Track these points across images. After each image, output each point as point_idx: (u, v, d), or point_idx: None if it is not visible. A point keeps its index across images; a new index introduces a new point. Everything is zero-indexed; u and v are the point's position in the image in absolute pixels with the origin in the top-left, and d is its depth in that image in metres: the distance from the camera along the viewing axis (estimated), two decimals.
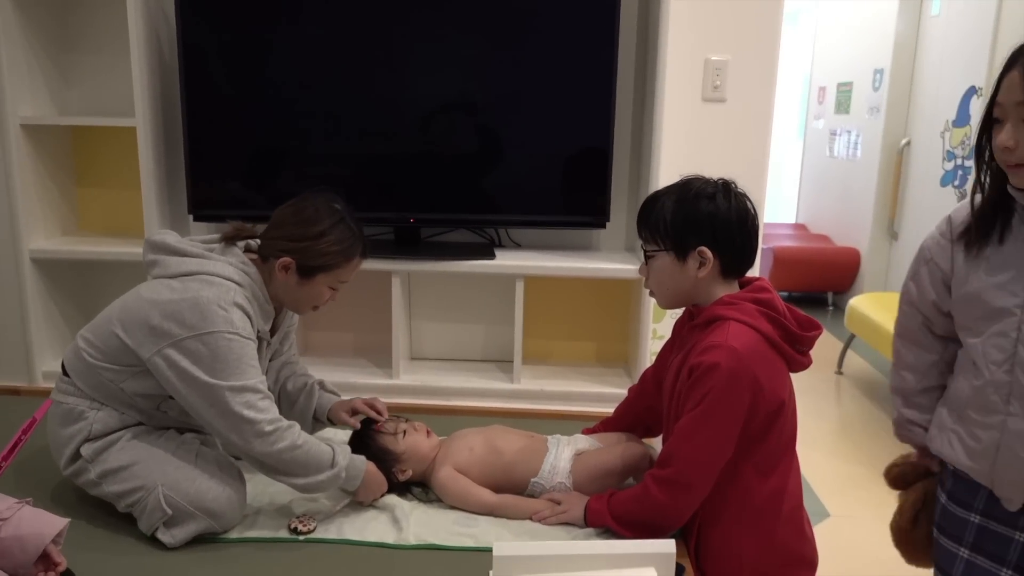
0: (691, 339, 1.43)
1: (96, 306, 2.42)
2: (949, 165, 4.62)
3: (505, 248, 2.40)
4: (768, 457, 1.39)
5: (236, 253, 1.54)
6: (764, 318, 1.38)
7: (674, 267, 1.42)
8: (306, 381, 1.77)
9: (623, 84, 2.26)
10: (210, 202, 2.29)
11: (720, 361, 1.31)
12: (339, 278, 1.58)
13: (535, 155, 2.26)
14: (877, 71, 5.36)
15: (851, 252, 5.66)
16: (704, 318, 1.41)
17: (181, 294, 1.43)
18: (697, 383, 1.34)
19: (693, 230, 1.39)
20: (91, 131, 2.42)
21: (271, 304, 1.57)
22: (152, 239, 1.55)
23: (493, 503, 1.56)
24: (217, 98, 2.25)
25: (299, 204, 1.57)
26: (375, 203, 2.33)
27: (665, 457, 1.40)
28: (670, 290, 1.46)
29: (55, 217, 2.41)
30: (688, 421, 1.35)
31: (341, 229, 1.54)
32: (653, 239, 1.43)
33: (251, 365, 1.44)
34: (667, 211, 1.41)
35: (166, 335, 1.41)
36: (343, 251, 1.55)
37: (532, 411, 2.19)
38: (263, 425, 1.41)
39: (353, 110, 2.24)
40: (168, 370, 1.42)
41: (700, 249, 1.39)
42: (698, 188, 1.41)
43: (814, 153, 6.73)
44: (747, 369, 1.32)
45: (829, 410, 4.05)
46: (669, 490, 1.37)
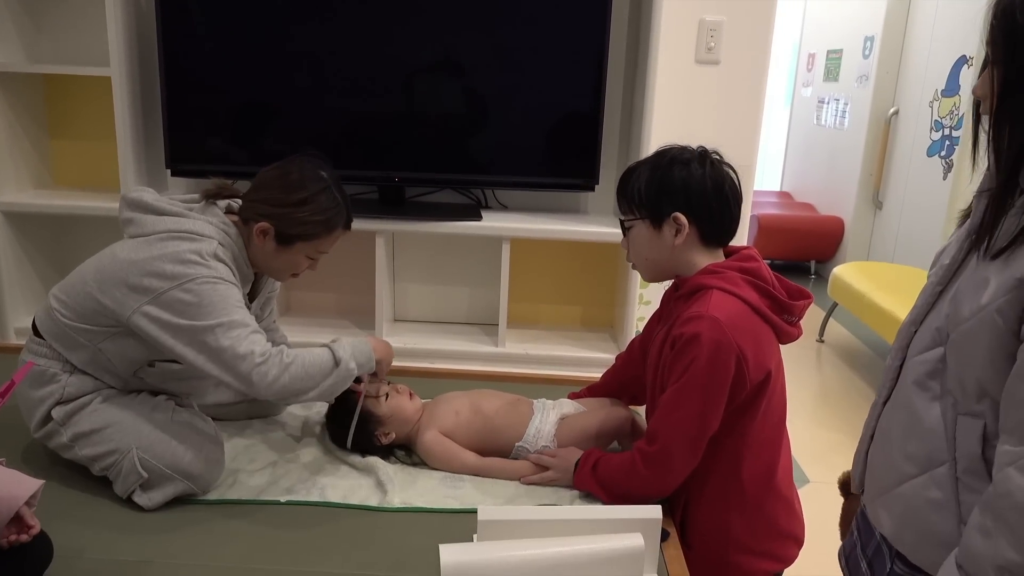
0: (675, 310, 1.40)
1: (70, 261, 2.36)
2: (936, 135, 4.61)
3: (492, 210, 2.35)
4: (757, 433, 1.37)
5: (216, 213, 1.48)
6: (750, 287, 1.35)
7: (651, 235, 1.40)
8: (283, 348, 1.73)
9: (615, 43, 2.21)
10: (189, 157, 2.22)
11: (701, 332, 1.28)
12: (318, 248, 1.52)
13: (524, 115, 2.21)
14: (868, 38, 5.31)
15: (835, 221, 5.67)
16: (688, 288, 1.38)
17: (160, 250, 1.38)
18: (679, 355, 1.31)
19: (667, 197, 1.37)
20: (64, 80, 2.33)
21: (251, 268, 1.52)
22: (129, 196, 1.48)
23: (479, 466, 1.55)
24: (197, 48, 2.17)
25: (284, 167, 1.51)
26: (359, 161, 2.27)
27: (651, 432, 1.37)
28: (650, 260, 1.44)
29: (27, 170, 2.33)
30: (671, 394, 1.33)
31: (324, 198, 1.48)
32: (629, 209, 1.42)
33: (236, 306, 1.38)
34: (642, 180, 1.39)
35: (146, 291, 1.36)
36: (324, 221, 1.49)
37: (516, 375, 2.17)
38: (255, 357, 1.35)
39: (338, 64, 2.18)
40: (151, 326, 1.36)
41: (675, 215, 1.36)
42: (673, 155, 1.39)
43: (801, 121, 6.70)
44: (729, 340, 1.28)
45: (810, 378, 4.08)
46: (653, 466, 1.36)
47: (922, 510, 1.00)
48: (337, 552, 1.32)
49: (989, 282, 0.93)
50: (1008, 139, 0.92)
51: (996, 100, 0.93)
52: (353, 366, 1.44)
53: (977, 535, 0.89)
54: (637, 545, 1.20)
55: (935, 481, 0.99)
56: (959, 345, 0.96)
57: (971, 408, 0.96)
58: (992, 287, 0.92)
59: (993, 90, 0.93)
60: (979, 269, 0.96)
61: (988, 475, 0.94)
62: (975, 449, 0.95)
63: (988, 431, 0.94)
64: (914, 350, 1.05)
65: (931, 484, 0.99)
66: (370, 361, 1.49)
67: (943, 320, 1.00)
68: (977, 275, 0.96)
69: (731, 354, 1.28)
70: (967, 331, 0.94)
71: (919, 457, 1.01)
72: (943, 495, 0.98)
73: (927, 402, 1.01)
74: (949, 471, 0.98)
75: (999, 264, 0.92)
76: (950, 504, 0.97)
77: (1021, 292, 0.88)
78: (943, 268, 1.04)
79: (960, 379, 0.96)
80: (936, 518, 0.98)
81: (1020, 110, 0.90)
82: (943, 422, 0.98)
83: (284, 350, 1.39)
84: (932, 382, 1.01)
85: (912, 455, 1.02)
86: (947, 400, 0.99)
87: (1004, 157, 0.93)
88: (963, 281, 0.99)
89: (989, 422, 0.94)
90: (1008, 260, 0.91)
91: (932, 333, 1.01)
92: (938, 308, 1.02)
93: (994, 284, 0.92)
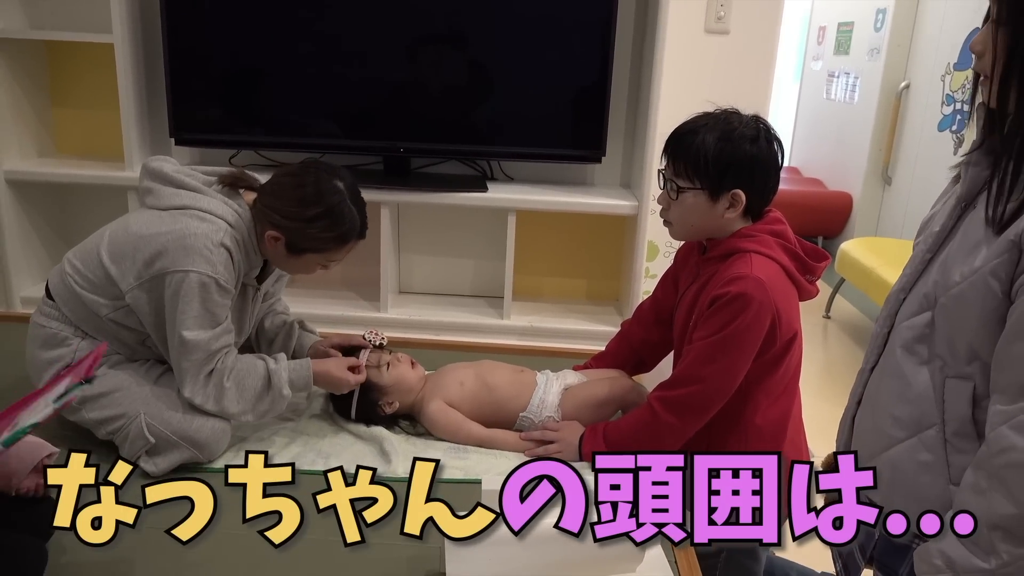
0: (706, 271, 1.43)
1: (75, 230, 2.37)
2: (948, 110, 4.55)
3: (497, 181, 2.34)
4: (776, 384, 1.42)
5: (236, 195, 1.48)
6: (781, 249, 1.39)
7: (705, 206, 1.38)
8: (284, 319, 1.73)
9: (624, 12, 2.17)
10: (192, 125, 2.21)
11: (748, 291, 1.32)
12: (330, 258, 1.50)
13: (531, 86, 2.18)
14: (880, 11, 5.23)
15: (843, 196, 5.62)
16: (722, 250, 1.40)
17: (170, 226, 1.39)
18: (719, 310, 1.34)
19: (733, 172, 1.35)
20: (67, 47, 2.31)
21: (259, 255, 1.51)
22: (150, 165, 1.48)
23: (484, 437, 1.55)
24: (200, 16, 2.14)
25: (300, 176, 1.45)
26: (364, 131, 2.25)
27: (677, 379, 1.41)
28: (694, 226, 1.43)
29: (30, 137, 2.32)
30: (707, 346, 1.36)
31: (337, 214, 1.43)
32: (687, 175, 1.38)
33: (215, 317, 1.40)
34: (708, 148, 1.35)
35: (147, 268, 1.38)
36: (336, 237, 1.45)
37: (521, 347, 2.17)
38: (197, 386, 1.42)
39: (343, 33, 2.15)
40: (146, 303, 1.41)
41: (735, 192, 1.36)
42: (741, 129, 1.36)
43: (810, 96, 6.63)
44: (770, 300, 1.33)
45: (816, 353, 4.06)
46: (680, 412, 1.39)
47: (911, 473, 1.01)
48: (336, 542, 1.32)
49: (981, 245, 0.93)
50: (1016, 104, 0.90)
51: (1002, 64, 0.91)
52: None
53: (971, 494, 0.90)
54: None
55: (924, 444, 1.00)
56: (949, 309, 0.96)
57: (961, 371, 0.96)
58: (985, 250, 0.92)
59: (995, 49, 0.91)
60: (970, 234, 0.96)
61: (977, 436, 0.95)
62: (965, 411, 0.96)
63: (978, 392, 0.95)
64: (902, 316, 1.05)
65: (920, 447, 1.00)
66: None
67: (931, 286, 1.00)
68: (968, 240, 0.96)
69: (769, 313, 1.34)
70: (958, 295, 0.95)
71: (908, 421, 1.02)
72: (933, 457, 0.99)
73: (915, 366, 1.02)
74: (938, 433, 0.99)
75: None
76: (939, 466, 0.98)
77: (1014, 253, 0.89)
78: (932, 235, 1.04)
79: (950, 342, 0.97)
80: (926, 480, 0.99)
81: None
82: (932, 385, 0.99)
83: (227, 369, 1.43)
84: (920, 346, 1.01)
85: (901, 419, 1.03)
86: (935, 364, 0.99)
87: (1011, 121, 0.91)
88: (953, 247, 0.99)
89: (979, 384, 0.95)
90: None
91: (920, 299, 1.02)
92: (927, 275, 1.03)
93: (987, 247, 0.92)
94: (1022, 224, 0.88)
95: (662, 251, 2.27)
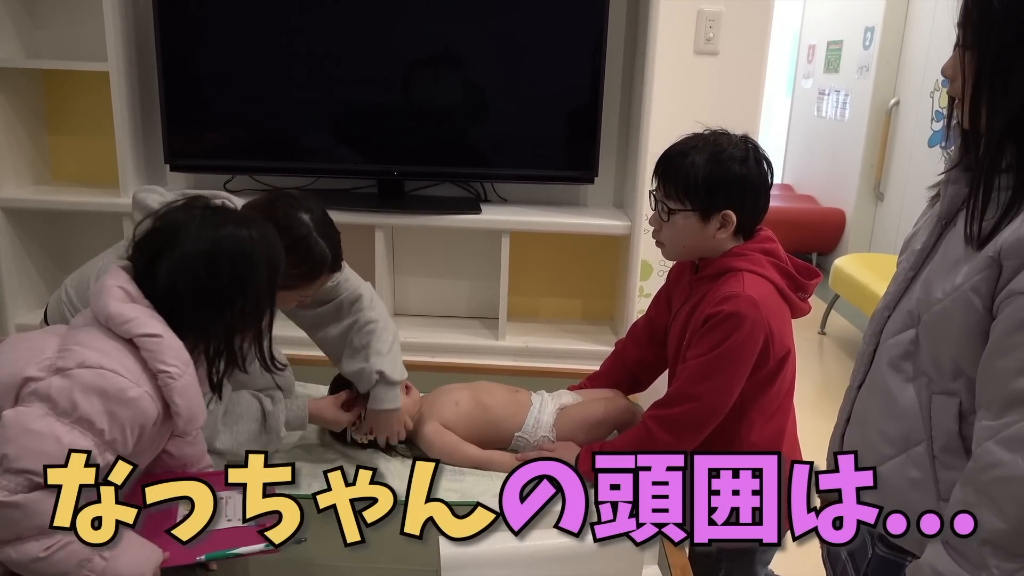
0: (699, 290, 1.44)
1: (71, 257, 2.37)
2: (937, 126, 4.60)
3: (491, 203, 2.35)
4: (770, 401, 1.42)
5: None
6: (773, 268, 1.40)
7: (696, 227, 1.40)
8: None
9: (614, 35, 2.20)
10: (187, 152, 2.22)
11: (740, 310, 1.33)
12: (302, 294, 1.44)
13: (523, 108, 2.21)
14: (868, 29, 5.29)
15: (837, 213, 5.65)
16: (714, 269, 1.41)
17: None
18: (714, 329, 1.35)
19: (723, 193, 1.37)
20: (63, 76, 2.33)
21: None
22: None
23: (480, 458, 1.55)
24: (195, 42, 2.17)
25: (267, 209, 1.36)
26: (358, 155, 2.27)
27: (672, 398, 1.41)
28: (685, 247, 1.45)
29: (26, 165, 2.33)
30: (702, 364, 1.36)
31: (303, 250, 1.34)
32: (678, 197, 1.39)
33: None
34: (698, 170, 1.36)
35: None
36: (303, 274, 1.38)
37: (517, 368, 2.17)
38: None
39: (336, 58, 2.17)
40: None
41: (725, 213, 1.37)
42: (730, 150, 1.37)
43: (802, 113, 6.68)
44: (763, 319, 1.34)
45: (811, 369, 4.07)
46: (675, 430, 1.39)
47: (901, 490, 1.01)
48: (336, 543, 1.32)
49: (962, 263, 0.94)
50: (986, 124, 0.92)
51: (971, 86, 0.92)
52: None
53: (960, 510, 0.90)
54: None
55: (913, 460, 1.00)
56: (932, 326, 0.97)
57: (946, 387, 0.97)
58: (966, 267, 0.93)
59: (963, 73, 0.93)
60: (951, 251, 0.97)
61: (964, 452, 0.96)
62: (951, 427, 0.97)
63: (964, 408, 0.96)
64: (887, 334, 1.06)
65: (909, 464, 1.01)
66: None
67: (915, 304, 1.01)
68: (949, 258, 0.97)
69: (762, 331, 1.35)
70: (941, 312, 0.95)
71: (896, 438, 1.02)
72: (921, 474, 0.99)
73: (901, 383, 1.02)
74: (926, 450, 0.99)
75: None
76: (928, 483, 0.99)
77: (994, 270, 0.90)
78: (915, 253, 1.05)
79: (935, 359, 0.98)
80: (915, 496, 1.00)
81: (998, 95, 0.90)
82: (918, 402, 1.00)
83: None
84: (905, 363, 1.02)
85: (889, 436, 1.03)
86: (921, 380, 1.00)
87: (984, 142, 0.93)
88: (935, 264, 1.00)
89: (964, 400, 0.95)
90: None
91: (904, 316, 1.03)
92: (910, 292, 1.04)
93: (967, 264, 0.93)
94: (1000, 240, 0.89)
95: (656, 270, 2.29)
